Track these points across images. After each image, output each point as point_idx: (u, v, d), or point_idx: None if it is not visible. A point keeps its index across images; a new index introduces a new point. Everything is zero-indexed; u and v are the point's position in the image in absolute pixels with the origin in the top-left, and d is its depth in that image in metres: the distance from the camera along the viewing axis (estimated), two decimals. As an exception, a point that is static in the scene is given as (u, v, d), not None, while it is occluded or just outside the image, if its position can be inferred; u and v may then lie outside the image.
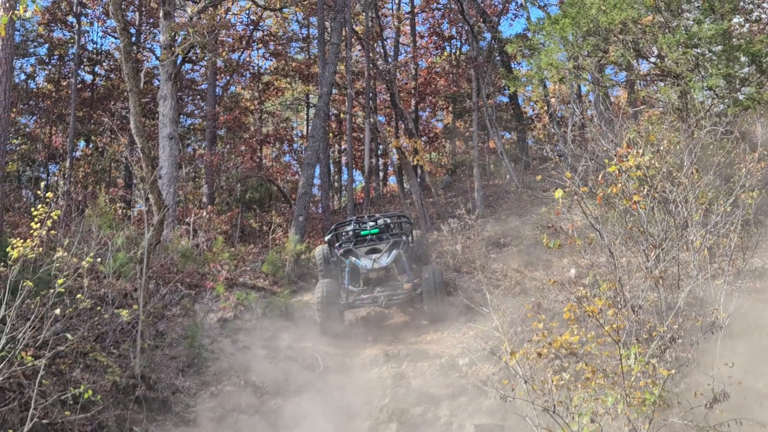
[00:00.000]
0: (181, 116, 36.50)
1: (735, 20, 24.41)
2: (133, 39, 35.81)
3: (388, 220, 21.32)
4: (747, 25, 28.00)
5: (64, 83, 37.15)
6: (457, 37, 44.56)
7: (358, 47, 38.97)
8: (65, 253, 13.47)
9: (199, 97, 39.52)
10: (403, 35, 44.80)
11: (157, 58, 33.55)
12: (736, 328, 13.64)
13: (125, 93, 30.07)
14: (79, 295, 13.24)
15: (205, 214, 25.90)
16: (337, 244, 20.80)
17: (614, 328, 9.62)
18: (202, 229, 24.28)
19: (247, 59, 40.52)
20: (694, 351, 10.67)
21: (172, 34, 25.74)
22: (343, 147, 43.91)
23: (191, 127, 40.15)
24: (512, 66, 37.87)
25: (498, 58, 37.26)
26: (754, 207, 15.36)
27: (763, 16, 31.15)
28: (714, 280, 14.26)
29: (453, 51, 45.29)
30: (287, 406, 15.15)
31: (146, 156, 16.78)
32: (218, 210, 29.95)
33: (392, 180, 44.98)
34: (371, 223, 21.02)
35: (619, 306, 9.88)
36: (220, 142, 38.28)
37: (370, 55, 35.05)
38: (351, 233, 20.72)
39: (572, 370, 10.46)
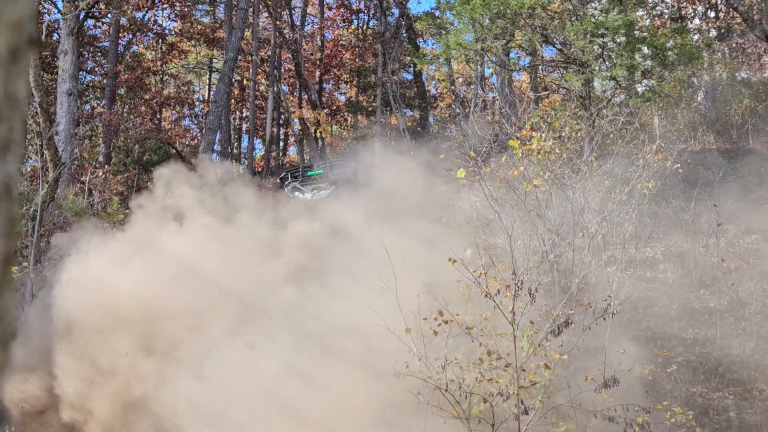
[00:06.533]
0: (81, 72, 35.54)
1: (638, 14, 24.83)
2: (34, -11, 34.59)
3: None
4: (649, 19, 28.55)
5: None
6: (365, 11, 44.36)
7: (266, 14, 38.49)
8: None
9: (100, 54, 38.56)
10: (311, 5, 44.39)
11: (59, 11, 32.62)
12: (626, 316, 13.90)
13: (23, 44, 29.05)
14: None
15: (101, 173, 25.34)
16: (287, 182, 23.60)
17: (510, 310, 9.68)
18: (98, 189, 23.75)
19: (152, 19, 39.70)
20: (585, 336, 10.82)
21: (77, -13, 25.02)
22: (244, 114, 43.41)
23: (91, 84, 39.12)
24: (419, 44, 37.88)
25: (405, 34, 37.23)
26: (649, 198, 15.65)
27: (665, 11, 31.84)
28: (607, 267, 14.50)
29: (360, 25, 45.07)
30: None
31: (44, 111, 16.30)
32: (115, 170, 29.34)
33: (292, 150, 44.72)
34: (318, 166, 24.54)
35: (516, 288, 9.92)
36: (119, 101, 37.47)
37: (277, 23, 34.67)
38: (300, 173, 23.76)
39: (466, 349, 10.49)
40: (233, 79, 35.73)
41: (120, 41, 36.91)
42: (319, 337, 12.91)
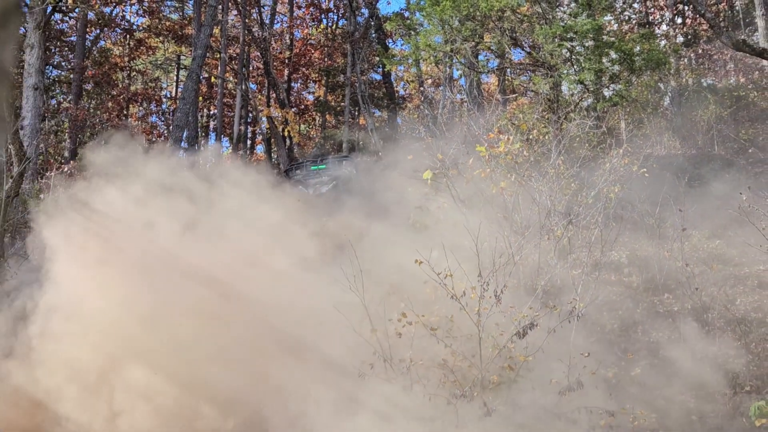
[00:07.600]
0: (47, 67, 35.23)
1: (606, 19, 24.99)
2: (0, -18, 34.23)
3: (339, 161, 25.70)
4: (617, 24, 28.74)
5: None
6: (335, 11, 44.35)
7: (235, 12, 38.35)
8: None
9: (67, 48, 38.22)
10: (280, 3, 44.27)
11: (26, 4, 32.28)
12: (590, 319, 13.93)
13: (-12, 38, 28.79)
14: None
15: (66, 169, 25.11)
16: (292, 175, 24.72)
17: (476, 311, 9.69)
18: (63, 185, 23.54)
19: (120, 14, 39.43)
20: (550, 338, 10.83)
21: (44, -19, 24.81)
22: (212, 112, 43.26)
23: (57, 79, 38.76)
24: (388, 44, 37.88)
25: (374, 35, 37.21)
26: (615, 201, 15.73)
27: (633, 16, 32.04)
28: (572, 269, 14.55)
29: (329, 24, 45.02)
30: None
31: (9, 104, 16.11)
32: (81, 166, 29.09)
33: (260, 149, 44.60)
34: (321, 161, 25.62)
35: (481, 290, 9.95)
36: (86, 96, 37.17)
37: (246, 20, 34.54)
38: (304, 167, 25.00)
39: (432, 351, 10.48)
40: (201, 77, 35.55)
41: (87, 36, 36.61)
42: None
